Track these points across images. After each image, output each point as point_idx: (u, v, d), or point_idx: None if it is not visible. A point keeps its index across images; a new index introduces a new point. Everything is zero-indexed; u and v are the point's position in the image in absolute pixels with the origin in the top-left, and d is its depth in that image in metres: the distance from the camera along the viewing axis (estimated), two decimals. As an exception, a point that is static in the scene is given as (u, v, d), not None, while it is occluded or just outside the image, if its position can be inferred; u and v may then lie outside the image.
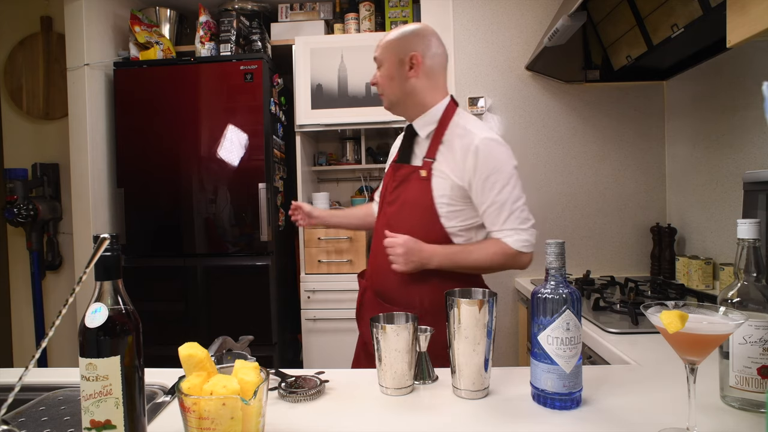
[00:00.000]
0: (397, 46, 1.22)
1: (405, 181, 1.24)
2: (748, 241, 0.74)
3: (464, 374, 0.82)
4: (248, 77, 2.21)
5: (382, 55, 1.25)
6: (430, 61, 1.22)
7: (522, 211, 1.21)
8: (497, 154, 1.19)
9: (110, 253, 0.60)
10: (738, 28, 1.08)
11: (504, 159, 1.20)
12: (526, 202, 1.23)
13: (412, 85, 1.22)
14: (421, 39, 1.22)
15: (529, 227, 1.21)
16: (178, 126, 2.24)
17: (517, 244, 1.18)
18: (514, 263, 1.21)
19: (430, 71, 1.23)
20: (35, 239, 2.54)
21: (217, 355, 0.90)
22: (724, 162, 1.82)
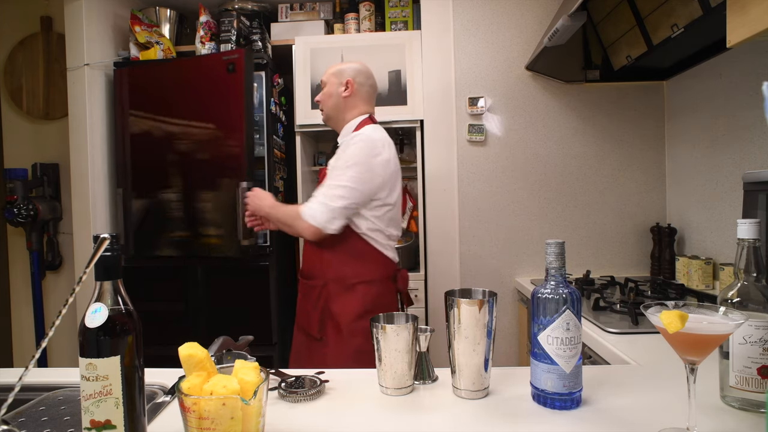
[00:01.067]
0: (340, 73, 1.57)
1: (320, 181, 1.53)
2: (748, 241, 0.74)
3: (464, 374, 0.82)
4: (230, 68, 2.12)
5: (327, 79, 1.59)
6: (359, 88, 1.56)
7: (333, 190, 1.40)
8: (357, 145, 1.43)
9: (110, 253, 0.60)
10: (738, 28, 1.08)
11: (358, 151, 1.42)
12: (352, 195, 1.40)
13: (342, 103, 1.56)
14: (357, 72, 1.57)
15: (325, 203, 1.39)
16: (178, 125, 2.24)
17: (305, 206, 1.41)
18: (294, 225, 1.44)
19: (357, 96, 1.56)
20: (35, 239, 2.54)
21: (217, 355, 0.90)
22: (724, 162, 1.82)
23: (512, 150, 2.30)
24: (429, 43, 2.30)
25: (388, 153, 1.47)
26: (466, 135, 2.31)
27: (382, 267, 1.51)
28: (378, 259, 1.50)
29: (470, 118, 2.31)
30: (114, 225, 2.36)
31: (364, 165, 1.41)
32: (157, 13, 2.51)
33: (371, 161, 1.42)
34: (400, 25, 2.44)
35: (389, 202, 1.48)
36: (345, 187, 1.39)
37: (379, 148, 1.45)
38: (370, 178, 1.41)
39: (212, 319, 2.22)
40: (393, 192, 1.49)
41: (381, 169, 1.43)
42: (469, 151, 2.31)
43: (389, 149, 1.49)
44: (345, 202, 1.40)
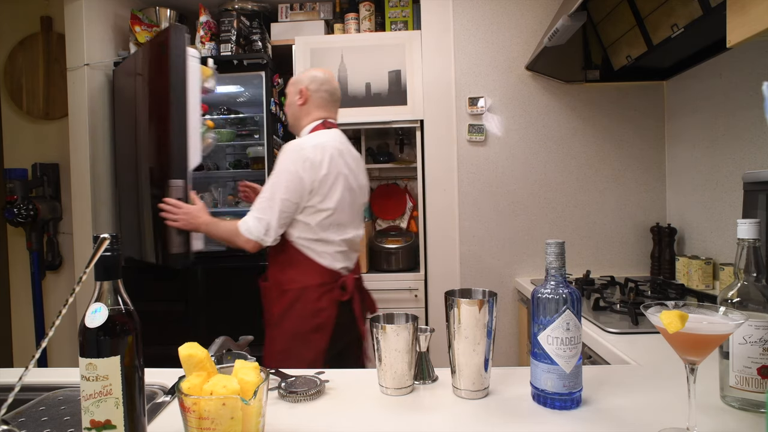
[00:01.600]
0: (296, 83, 1.59)
1: None
2: (748, 241, 0.74)
3: (464, 374, 0.82)
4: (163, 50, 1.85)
5: (287, 89, 1.62)
6: (312, 95, 1.57)
7: (264, 202, 1.42)
8: (283, 156, 1.45)
9: (110, 253, 0.60)
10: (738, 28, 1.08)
11: (284, 160, 1.43)
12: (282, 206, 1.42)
13: (298, 111, 1.58)
14: (311, 80, 1.57)
15: (258, 217, 1.42)
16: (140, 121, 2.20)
17: (242, 221, 1.44)
18: (235, 239, 1.45)
19: (310, 103, 1.57)
20: (35, 239, 2.54)
21: (217, 355, 0.90)
22: (724, 162, 1.82)
23: (512, 150, 2.30)
24: (429, 43, 2.30)
25: (319, 157, 1.43)
26: (466, 135, 2.31)
27: (315, 274, 1.48)
28: (310, 267, 1.48)
29: (470, 118, 2.31)
30: (114, 225, 2.36)
31: (292, 173, 1.40)
32: (157, 13, 2.51)
33: (297, 168, 1.40)
34: (400, 25, 2.44)
35: (325, 207, 1.45)
36: (274, 198, 1.40)
37: (307, 154, 1.42)
38: (299, 186, 1.40)
39: (212, 319, 2.22)
40: (329, 197, 1.45)
41: (308, 174, 1.41)
42: (469, 151, 2.31)
43: (323, 154, 1.44)
44: (276, 213, 1.41)
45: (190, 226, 1.59)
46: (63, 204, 2.63)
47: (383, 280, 2.27)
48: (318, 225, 1.46)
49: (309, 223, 1.46)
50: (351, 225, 1.55)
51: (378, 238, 2.40)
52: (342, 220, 1.51)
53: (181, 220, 1.57)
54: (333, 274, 1.51)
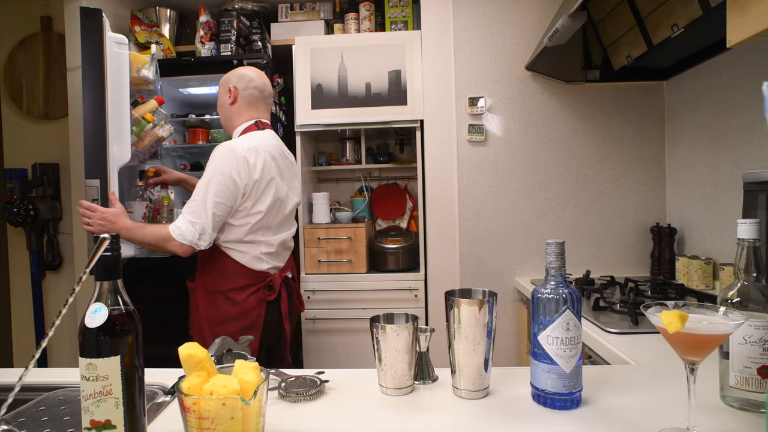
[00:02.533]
0: (225, 81, 1.57)
1: None
2: (748, 241, 0.74)
3: (464, 374, 0.82)
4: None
5: (219, 89, 1.60)
6: (241, 93, 1.55)
7: (197, 206, 1.39)
8: (215, 157, 1.42)
9: (110, 253, 0.60)
10: (738, 28, 1.08)
11: (216, 162, 1.40)
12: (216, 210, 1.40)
13: (229, 111, 1.56)
14: (239, 78, 1.55)
15: (192, 221, 1.38)
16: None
17: (173, 225, 1.39)
18: (165, 245, 1.40)
19: (240, 103, 1.55)
20: (35, 239, 2.54)
21: (217, 355, 0.90)
22: (724, 162, 1.82)
23: (512, 150, 2.30)
24: (429, 43, 2.30)
25: (254, 161, 1.42)
26: (466, 135, 2.31)
27: (239, 277, 1.48)
28: (234, 269, 1.48)
29: (470, 118, 2.31)
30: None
31: (225, 176, 1.38)
32: (157, 13, 2.51)
33: (230, 171, 1.39)
34: (400, 25, 2.44)
35: (256, 211, 1.45)
36: (206, 201, 1.38)
37: (240, 156, 1.40)
38: (232, 190, 1.40)
39: (212, 319, 2.22)
40: (261, 201, 1.46)
41: (242, 179, 1.40)
42: (469, 151, 2.32)
43: (256, 157, 1.43)
44: (209, 216, 1.38)
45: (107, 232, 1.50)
46: (63, 204, 2.63)
47: (383, 280, 2.27)
48: (248, 228, 1.46)
49: (239, 225, 1.45)
50: (283, 226, 1.57)
51: (378, 238, 2.40)
52: (272, 223, 1.51)
53: (96, 224, 1.47)
54: (260, 275, 1.51)
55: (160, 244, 1.41)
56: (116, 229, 1.47)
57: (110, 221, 1.47)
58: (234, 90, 1.54)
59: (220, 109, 1.59)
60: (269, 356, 1.54)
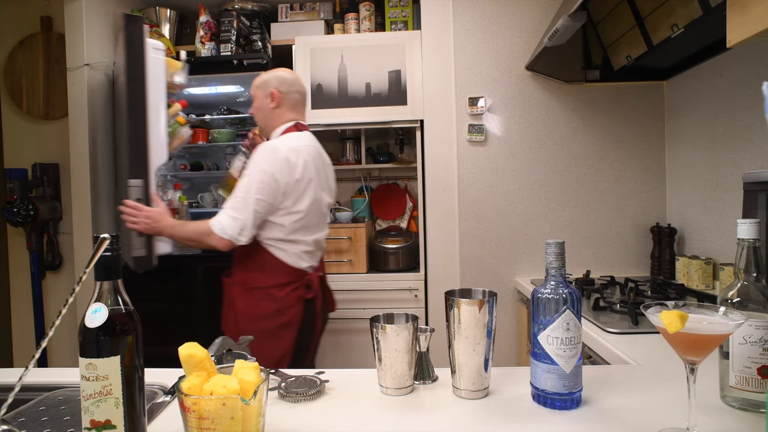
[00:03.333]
0: (265, 85, 1.58)
1: None
2: (748, 241, 0.74)
3: (464, 374, 0.82)
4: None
5: (254, 92, 1.61)
6: (284, 97, 1.58)
7: (239, 202, 1.42)
8: (258, 157, 1.46)
9: (110, 253, 0.60)
10: (738, 28, 1.08)
11: (260, 162, 1.44)
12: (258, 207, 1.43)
13: (270, 114, 1.58)
14: (281, 82, 1.58)
15: (233, 216, 1.42)
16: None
17: (214, 220, 1.43)
18: (206, 239, 1.44)
19: (283, 106, 1.59)
20: (35, 239, 2.54)
21: (217, 355, 0.90)
22: (724, 162, 1.82)
23: (512, 150, 2.30)
24: (429, 43, 2.30)
25: (295, 161, 1.47)
26: (466, 135, 2.31)
27: (280, 274, 1.51)
28: (276, 267, 1.51)
29: (470, 118, 2.31)
30: (114, 225, 2.36)
31: (267, 174, 1.43)
32: (157, 13, 2.51)
33: (273, 171, 1.43)
34: (400, 25, 2.44)
35: (296, 210, 1.49)
36: (249, 198, 1.42)
37: (282, 156, 1.45)
38: (273, 188, 1.44)
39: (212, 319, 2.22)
40: (301, 200, 1.49)
41: (284, 177, 1.44)
42: (469, 151, 2.32)
43: (298, 157, 1.48)
44: (251, 212, 1.42)
45: (152, 230, 1.55)
46: (63, 204, 2.63)
47: (383, 280, 2.27)
48: (289, 227, 1.49)
49: (280, 224, 1.48)
50: (318, 227, 1.60)
51: (378, 238, 2.40)
52: (311, 223, 1.55)
53: (141, 223, 1.53)
54: (299, 273, 1.54)
55: (201, 239, 1.45)
56: (160, 226, 1.53)
57: (155, 219, 1.53)
58: (278, 94, 1.57)
59: (259, 112, 1.61)
60: (299, 355, 1.55)
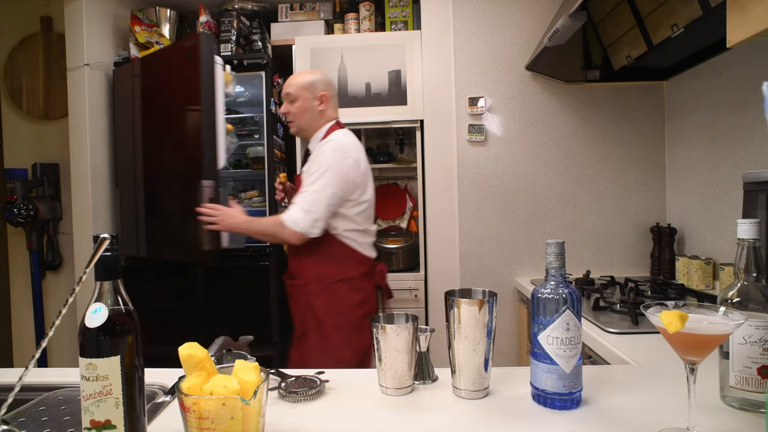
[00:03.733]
0: (312, 87, 1.61)
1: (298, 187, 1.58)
2: (748, 241, 0.74)
3: (464, 374, 0.82)
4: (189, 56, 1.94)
5: (297, 93, 1.61)
6: (331, 99, 1.65)
7: (311, 196, 1.47)
8: (327, 151, 1.51)
9: (110, 253, 0.60)
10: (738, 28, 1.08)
11: (329, 157, 1.50)
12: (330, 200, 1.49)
13: (318, 116, 1.62)
14: (327, 85, 1.64)
15: (306, 210, 1.47)
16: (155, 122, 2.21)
17: (286, 214, 1.47)
18: (279, 233, 1.49)
19: (330, 106, 1.65)
20: (35, 239, 2.54)
21: (217, 355, 0.90)
22: (724, 162, 1.82)
23: (512, 150, 2.30)
24: (429, 43, 2.30)
25: (356, 155, 1.55)
26: (466, 135, 2.31)
27: (358, 264, 1.59)
28: (354, 257, 1.58)
29: (470, 118, 2.31)
30: (114, 225, 2.36)
31: (337, 169, 1.49)
32: (157, 13, 2.51)
33: (342, 165, 1.50)
34: (400, 25, 2.44)
35: (363, 200, 1.57)
36: (322, 191, 1.47)
37: (349, 151, 1.53)
38: (343, 181, 1.50)
39: (212, 319, 2.22)
40: (366, 191, 1.58)
41: (352, 171, 1.52)
42: (469, 151, 2.31)
43: (358, 151, 1.57)
44: (323, 206, 1.48)
45: (228, 227, 1.61)
46: (63, 204, 2.63)
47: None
48: (358, 216, 1.56)
49: (351, 215, 1.55)
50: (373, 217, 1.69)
51: (378, 238, 2.40)
52: (372, 212, 1.64)
53: (219, 221, 1.60)
54: (371, 262, 1.63)
55: (274, 232, 1.51)
56: (236, 223, 1.59)
57: (232, 217, 1.60)
58: (326, 97, 1.63)
59: (306, 113, 1.62)
60: None
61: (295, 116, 1.63)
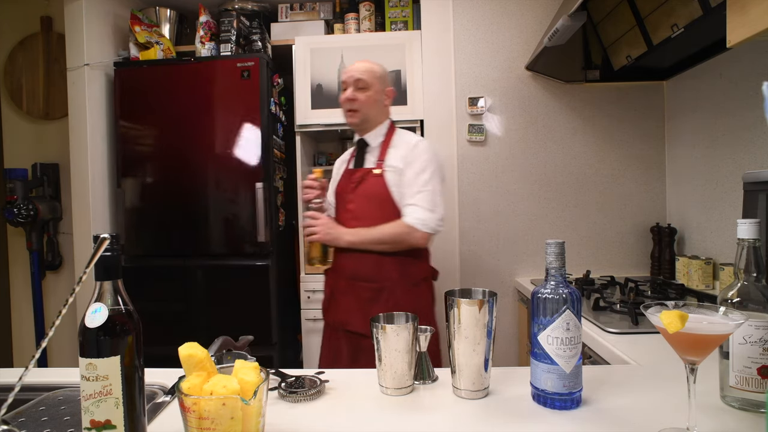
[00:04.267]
0: (383, 79, 1.57)
1: (362, 182, 1.53)
2: (748, 241, 0.74)
3: (464, 374, 0.82)
4: (245, 75, 2.19)
5: (371, 81, 1.53)
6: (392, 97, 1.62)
7: (430, 195, 1.46)
8: (427, 150, 1.51)
9: (110, 253, 0.60)
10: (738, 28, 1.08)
11: (430, 155, 1.50)
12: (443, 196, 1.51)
13: (383, 110, 1.58)
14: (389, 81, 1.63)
15: (431, 209, 1.45)
16: (178, 126, 2.24)
17: (411, 218, 1.44)
18: (408, 239, 1.45)
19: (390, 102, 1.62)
20: (35, 239, 2.54)
21: (217, 355, 0.90)
22: (724, 162, 1.82)
23: (512, 150, 2.30)
24: (429, 43, 2.30)
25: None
26: (466, 135, 2.31)
27: (428, 262, 1.61)
28: (426, 255, 1.59)
29: (470, 118, 2.31)
30: (114, 225, 2.36)
31: (439, 169, 1.52)
32: (157, 13, 2.51)
33: (437, 161, 1.52)
34: (400, 25, 2.44)
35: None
36: (436, 188, 1.48)
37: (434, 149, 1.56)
38: (442, 177, 1.54)
39: (212, 319, 2.22)
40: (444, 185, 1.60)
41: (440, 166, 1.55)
42: (469, 151, 2.31)
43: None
44: (442, 202, 1.50)
45: (329, 237, 1.50)
46: (63, 204, 2.63)
47: (383, 280, 2.27)
48: None
49: None
50: None
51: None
52: None
53: (322, 231, 1.49)
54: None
55: (403, 238, 1.45)
56: (338, 234, 1.49)
57: (334, 227, 1.51)
58: (391, 93, 1.60)
59: (375, 105, 1.55)
60: None
61: (364, 105, 1.53)
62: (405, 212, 1.47)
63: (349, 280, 1.53)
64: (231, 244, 2.23)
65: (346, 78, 1.54)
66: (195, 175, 2.23)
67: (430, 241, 1.52)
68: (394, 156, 1.51)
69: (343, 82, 1.55)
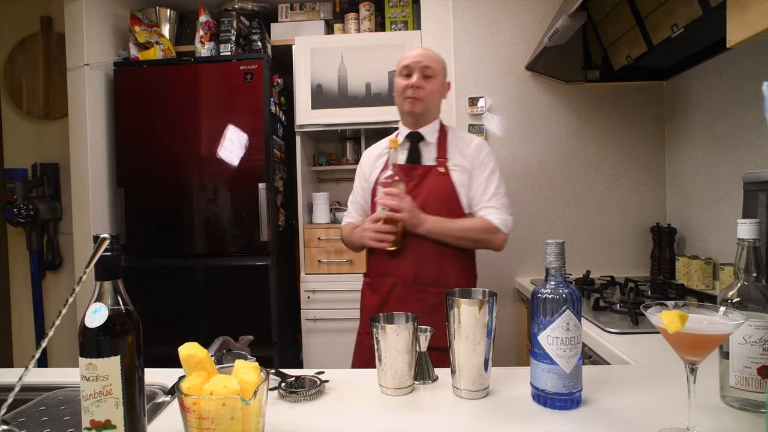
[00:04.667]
0: (446, 71, 1.51)
1: (424, 179, 1.43)
2: (748, 241, 0.74)
3: (464, 374, 0.82)
4: (248, 77, 2.20)
5: (439, 69, 1.45)
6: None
7: (503, 197, 1.45)
8: (490, 150, 1.50)
9: (110, 253, 0.60)
10: (738, 28, 1.08)
11: (492, 157, 1.49)
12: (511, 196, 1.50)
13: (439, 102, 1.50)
14: None
15: (509, 213, 1.44)
16: (178, 126, 2.24)
17: (498, 220, 1.41)
18: (492, 239, 1.41)
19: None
20: (35, 239, 2.54)
21: (217, 355, 0.90)
22: (724, 162, 1.82)
23: (512, 150, 2.30)
24: (429, 43, 2.30)
25: None
26: (466, 135, 2.30)
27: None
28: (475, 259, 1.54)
29: (470, 118, 2.31)
30: (114, 225, 2.36)
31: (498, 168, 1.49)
32: (157, 13, 2.51)
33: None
34: (400, 25, 2.44)
35: None
36: (505, 192, 1.46)
37: None
38: None
39: (212, 319, 2.22)
40: None
41: None
42: (469, 151, 2.31)
43: None
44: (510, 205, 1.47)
45: (414, 220, 1.34)
46: (63, 204, 2.63)
47: (383, 280, 2.27)
48: None
49: None
50: None
51: (378, 238, 2.39)
52: None
53: (407, 211, 1.32)
54: None
55: (486, 237, 1.40)
56: (422, 219, 1.34)
57: (418, 210, 1.35)
58: (449, 88, 1.54)
59: (437, 96, 1.46)
60: None
61: (429, 95, 1.42)
62: (484, 214, 1.41)
63: (412, 285, 1.39)
64: (231, 244, 2.23)
65: (411, 63, 1.40)
66: (194, 174, 2.23)
67: None
68: (456, 154, 1.43)
69: (406, 66, 1.41)
